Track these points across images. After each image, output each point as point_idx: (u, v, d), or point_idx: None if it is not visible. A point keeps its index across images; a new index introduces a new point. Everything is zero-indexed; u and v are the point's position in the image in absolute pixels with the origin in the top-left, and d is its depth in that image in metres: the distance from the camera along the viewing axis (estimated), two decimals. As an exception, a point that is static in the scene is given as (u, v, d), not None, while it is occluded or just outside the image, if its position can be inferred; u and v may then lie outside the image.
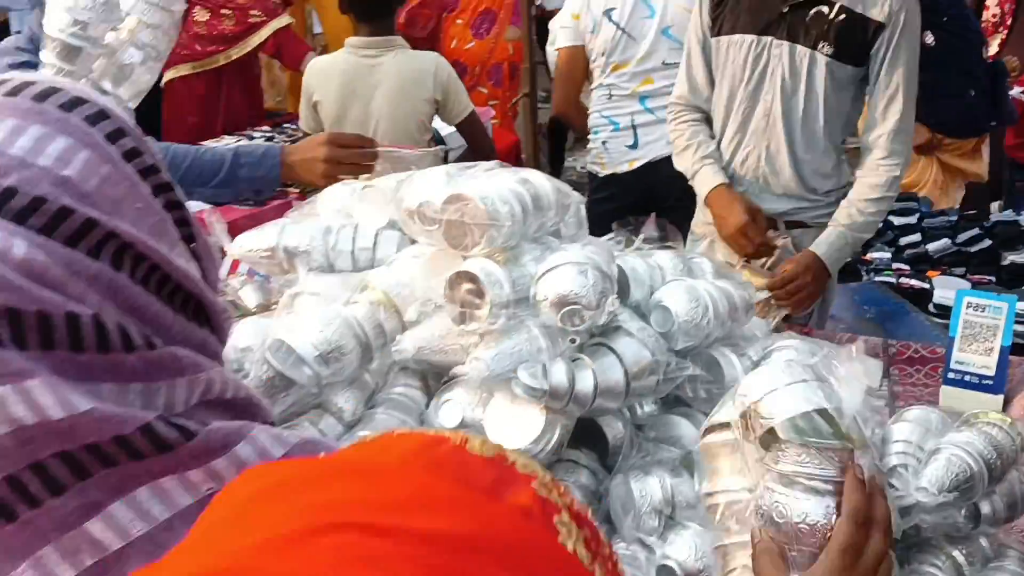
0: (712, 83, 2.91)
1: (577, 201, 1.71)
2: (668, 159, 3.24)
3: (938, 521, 1.62)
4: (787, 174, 2.76)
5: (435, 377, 1.62)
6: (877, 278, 4.00)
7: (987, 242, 4.17)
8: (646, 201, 3.77)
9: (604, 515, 1.49)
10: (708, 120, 2.96)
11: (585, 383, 1.42)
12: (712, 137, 2.94)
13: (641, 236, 2.90)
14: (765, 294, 2.53)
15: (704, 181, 2.86)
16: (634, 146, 3.90)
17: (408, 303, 1.58)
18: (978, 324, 2.45)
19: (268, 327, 1.63)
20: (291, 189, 4.54)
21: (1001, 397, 2.43)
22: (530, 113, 5.62)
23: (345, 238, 1.75)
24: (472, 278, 1.45)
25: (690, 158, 2.91)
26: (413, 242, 1.74)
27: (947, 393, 2.48)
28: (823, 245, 2.69)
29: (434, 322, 1.54)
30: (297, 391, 1.49)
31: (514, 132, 6.12)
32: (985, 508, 1.67)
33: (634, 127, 3.88)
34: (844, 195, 2.81)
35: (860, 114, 2.89)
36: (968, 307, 2.46)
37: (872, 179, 2.70)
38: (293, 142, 5.04)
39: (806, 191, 2.80)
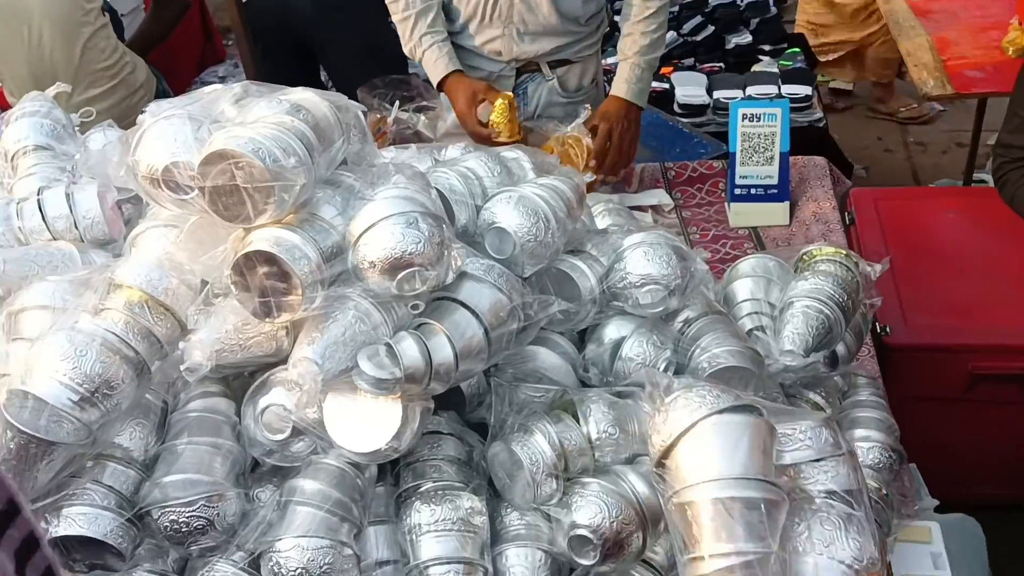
0: None
1: (356, 109, 1.36)
2: None
3: (800, 375, 1.56)
4: (544, 8, 2.48)
5: (235, 373, 1.29)
6: (617, 86, 3.91)
7: (710, 28, 4.17)
8: (286, 27, 3.41)
9: (488, 482, 1.28)
10: None
11: (443, 352, 1.15)
12: None
13: (396, 104, 2.59)
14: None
15: (430, 68, 2.52)
16: None
17: (180, 298, 1.20)
18: (756, 135, 2.39)
19: (-10, 366, 1.20)
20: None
21: (788, 203, 2.43)
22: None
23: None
24: (269, 258, 1.10)
25: (408, 33, 2.52)
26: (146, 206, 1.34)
27: (736, 209, 2.45)
28: (623, 85, 2.47)
29: (222, 314, 1.19)
30: (63, 452, 1.12)
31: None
32: (840, 350, 1.63)
33: None
34: (602, 20, 2.61)
35: None
36: (744, 119, 2.39)
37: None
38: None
39: (568, 23, 2.54)
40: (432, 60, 2.50)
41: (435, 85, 2.54)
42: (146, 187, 1.18)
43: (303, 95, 1.25)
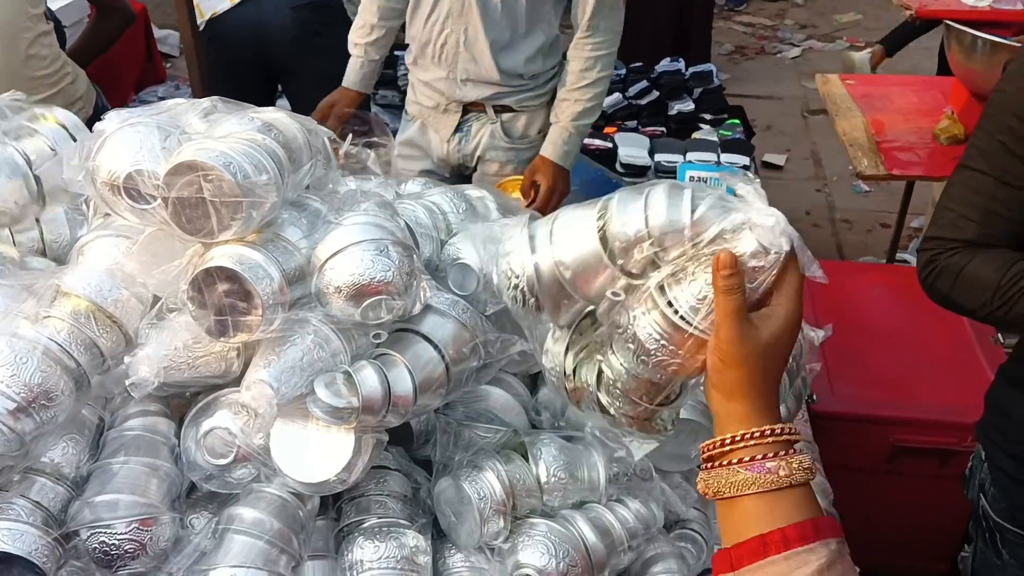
0: None
1: (324, 134, 1.35)
2: None
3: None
4: (486, 62, 2.53)
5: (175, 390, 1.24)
6: (563, 140, 3.97)
7: (655, 93, 4.28)
8: (258, 49, 3.43)
9: (433, 522, 1.25)
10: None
11: (402, 384, 1.13)
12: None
13: (349, 138, 2.58)
14: None
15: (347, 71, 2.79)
16: None
17: (129, 310, 1.16)
18: (701, 197, 2.45)
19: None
20: None
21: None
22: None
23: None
24: (230, 275, 1.07)
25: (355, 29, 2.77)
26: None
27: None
28: (550, 147, 2.60)
29: (172, 329, 1.15)
30: (-8, 464, 1.05)
31: (135, -2, 5.20)
32: (782, 412, 1.65)
33: None
34: (553, 75, 2.67)
35: None
36: (690, 181, 2.45)
37: (579, 64, 2.57)
38: None
39: (510, 77, 2.60)
40: (350, 67, 2.76)
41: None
42: (104, 193, 1.14)
43: (275, 115, 1.23)
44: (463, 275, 1.30)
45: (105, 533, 1.07)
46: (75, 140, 1.43)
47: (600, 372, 1.04)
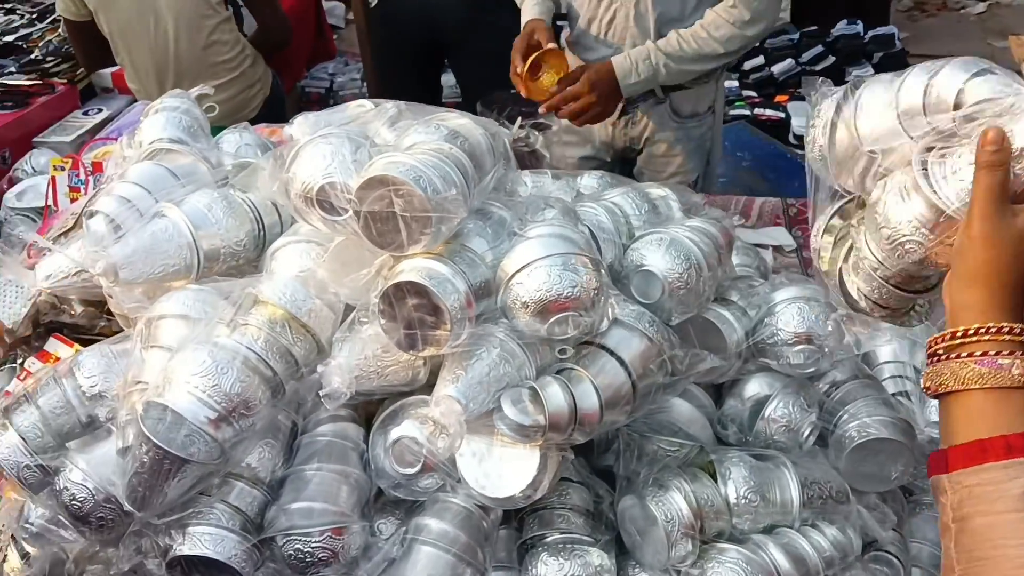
0: None
1: (504, 136, 1.32)
2: None
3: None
4: (655, 37, 2.42)
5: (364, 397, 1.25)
6: (731, 111, 3.82)
7: (831, 59, 4.05)
8: (428, 27, 3.40)
9: (616, 538, 1.22)
10: None
11: (588, 401, 1.10)
12: None
13: (519, 121, 2.56)
14: None
15: (523, 13, 2.58)
16: None
17: (321, 319, 1.18)
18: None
19: (129, 368, 1.19)
20: (57, 79, 3.77)
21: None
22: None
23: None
24: (420, 290, 1.06)
25: None
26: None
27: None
28: (623, 59, 2.39)
29: (363, 339, 1.15)
30: (195, 470, 1.09)
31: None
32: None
33: None
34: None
35: None
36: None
37: (710, 19, 2.39)
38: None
39: None
40: (526, 5, 2.58)
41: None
42: (298, 204, 1.15)
43: (459, 120, 1.22)
44: (647, 283, 1.24)
45: (300, 540, 1.10)
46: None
47: (850, 249, 1.05)
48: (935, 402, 1.42)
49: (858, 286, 1.06)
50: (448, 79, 4.19)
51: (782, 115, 3.76)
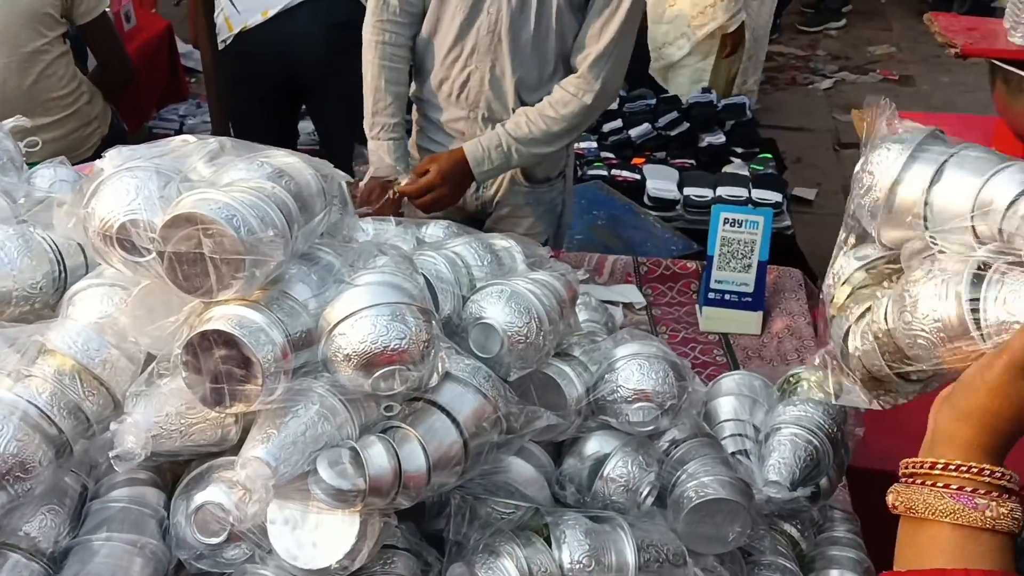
0: None
1: (341, 179, 1.25)
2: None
3: (781, 508, 1.46)
4: (510, 99, 2.41)
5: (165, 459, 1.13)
6: (589, 171, 3.87)
7: (685, 124, 4.17)
8: (286, 66, 3.32)
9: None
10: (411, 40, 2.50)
11: (415, 463, 1.02)
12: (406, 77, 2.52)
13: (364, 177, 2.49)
14: None
15: (375, 156, 2.50)
16: None
17: (118, 371, 1.06)
18: (736, 240, 2.33)
19: None
20: None
21: (761, 313, 2.36)
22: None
23: None
24: (228, 340, 0.97)
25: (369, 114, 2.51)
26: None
27: (708, 314, 2.36)
28: (475, 147, 2.38)
29: (163, 393, 1.04)
30: (-41, 542, 0.95)
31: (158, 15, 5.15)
32: (824, 483, 1.53)
33: None
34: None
35: None
36: (725, 223, 2.33)
37: (557, 96, 2.40)
38: None
39: None
40: (380, 152, 2.49)
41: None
42: (96, 243, 1.04)
43: (287, 159, 1.13)
44: (486, 336, 1.19)
45: (81, 623, 0.97)
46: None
47: (866, 311, 1.05)
48: (773, 462, 1.44)
49: (858, 346, 1.06)
50: (306, 126, 4.09)
51: (638, 177, 3.83)
